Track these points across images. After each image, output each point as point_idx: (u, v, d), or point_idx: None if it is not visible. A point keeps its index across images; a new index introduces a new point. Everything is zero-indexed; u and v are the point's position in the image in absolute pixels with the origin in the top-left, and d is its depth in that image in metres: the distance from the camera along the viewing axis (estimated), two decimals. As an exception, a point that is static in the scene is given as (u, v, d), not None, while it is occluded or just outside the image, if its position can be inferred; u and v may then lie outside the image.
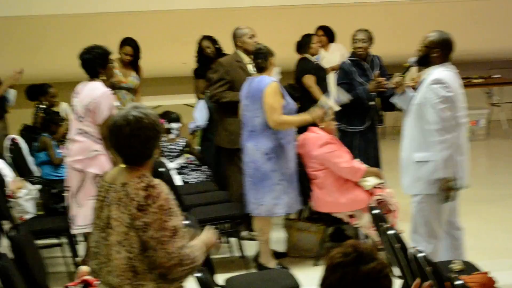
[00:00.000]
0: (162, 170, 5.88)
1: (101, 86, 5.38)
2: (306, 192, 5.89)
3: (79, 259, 5.62)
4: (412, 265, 3.74)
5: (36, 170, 6.84)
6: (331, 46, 8.98)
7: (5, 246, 4.54)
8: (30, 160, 6.87)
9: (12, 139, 6.81)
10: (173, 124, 7.27)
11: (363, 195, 5.78)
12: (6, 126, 7.71)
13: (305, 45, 7.51)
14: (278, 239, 6.21)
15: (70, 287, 4.09)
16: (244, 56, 6.29)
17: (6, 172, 6.04)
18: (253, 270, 5.71)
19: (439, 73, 4.74)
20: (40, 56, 10.61)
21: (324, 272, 2.30)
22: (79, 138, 5.39)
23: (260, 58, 5.61)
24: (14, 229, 4.35)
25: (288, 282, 4.44)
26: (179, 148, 7.20)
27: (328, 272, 2.29)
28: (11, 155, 6.67)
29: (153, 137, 3.07)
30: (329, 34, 8.93)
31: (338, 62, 7.57)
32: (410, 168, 4.90)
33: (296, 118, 5.61)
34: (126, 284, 3.01)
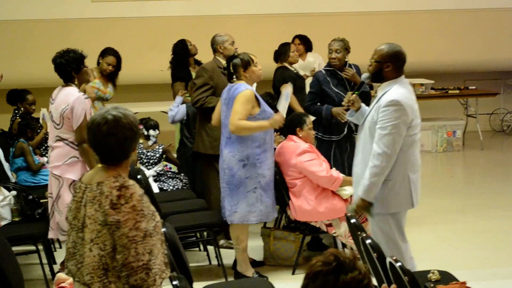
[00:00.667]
0: (139, 177, 5.85)
1: (75, 91, 5.36)
2: (283, 200, 5.90)
3: (57, 266, 5.58)
4: (389, 274, 3.76)
5: (11, 176, 6.79)
6: (308, 55, 9.03)
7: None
8: (6, 166, 6.82)
9: (-12, 145, 6.76)
10: (151, 131, 7.23)
11: (341, 204, 5.79)
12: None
13: (283, 54, 7.54)
14: (256, 248, 6.21)
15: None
16: (224, 62, 6.28)
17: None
18: (231, 279, 5.70)
19: (395, 92, 4.52)
20: (22, 61, 10.54)
21: (304, 280, 2.30)
22: (57, 144, 5.38)
23: (231, 67, 5.61)
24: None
25: (265, 291, 4.42)
26: (157, 155, 7.17)
27: (308, 280, 2.29)
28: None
29: (130, 137, 3.09)
30: (306, 43, 8.97)
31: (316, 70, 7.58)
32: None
33: (254, 123, 5.46)
34: (97, 281, 3.02)
